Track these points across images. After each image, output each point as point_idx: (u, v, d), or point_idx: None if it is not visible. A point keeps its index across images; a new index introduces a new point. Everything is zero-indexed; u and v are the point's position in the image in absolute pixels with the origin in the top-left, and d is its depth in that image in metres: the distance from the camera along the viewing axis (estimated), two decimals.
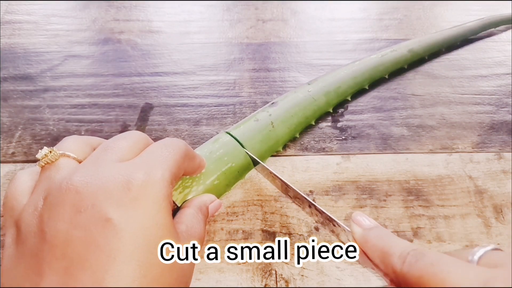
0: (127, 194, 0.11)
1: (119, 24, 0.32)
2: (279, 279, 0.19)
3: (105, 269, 0.10)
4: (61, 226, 0.11)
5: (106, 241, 0.11)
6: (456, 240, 0.20)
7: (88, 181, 0.11)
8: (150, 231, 0.11)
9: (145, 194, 0.12)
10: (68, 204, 0.11)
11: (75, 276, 0.10)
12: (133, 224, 0.11)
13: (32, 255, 0.11)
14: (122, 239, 0.11)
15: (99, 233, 0.11)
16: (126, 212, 0.11)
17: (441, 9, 0.35)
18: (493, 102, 0.27)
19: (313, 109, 0.24)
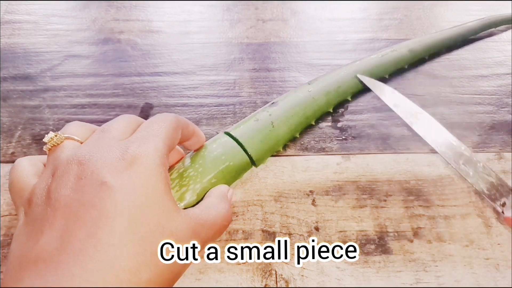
0: (122, 162, 0.13)
1: (119, 24, 0.32)
2: (279, 279, 0.19)
3: (98, 225, 0.11)
4: (64, 191, 0.12)
5: (101, 201, 0.12)
6: (457, 240, 0.20)
7: (90, 155, 0.13)
8: (142, 193, 0.12)
9: (139, 162, 0.13)
10: (72, 174, 0.12)
11: (71, 232, 0.11)
12: (127, 186, 0.12)
13: (37, 219, 0.12)
14: (115, 199, 0.12)
15: (95, 194, 0.12)
16: (120, 176, 0.12)
17: (441, 9, 0.35)
18: (493, 102, 0.27)
19: (313, 109, 0.24)
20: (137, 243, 0.12)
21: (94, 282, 0.11)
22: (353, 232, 0.20)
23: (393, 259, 0.19)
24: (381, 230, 0.20)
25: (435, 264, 0.19)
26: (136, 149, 0.13)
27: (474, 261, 0.19)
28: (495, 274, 0.19)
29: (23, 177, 0.14)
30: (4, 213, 0.21)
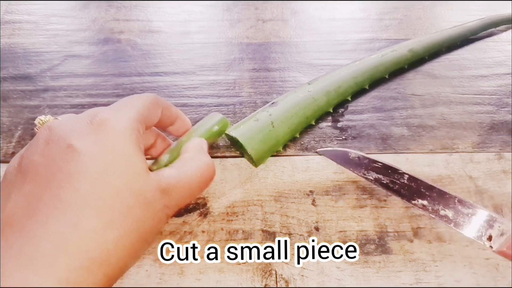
0: (90, 126, 0.13)
1: (119, 24, 0.32)
2: (279, 279, 0.19)
3: (62, 187, 0.11)
4: (33, 157, 0.12)
5: (66, 163, 0.12)
6: (457, 240, 0.20)
7: (60, 122, 0.13)
8: (108, 155, 0.12)
9: (106, 125, 0.13)
10: (42, 140, 0.13)
11: (37, 196, 0.11)
12: (92, 148, 0.12)
13: (7, 186, 0.12)
14: (79, 161, 0.12)
15: (61, 157, 0.12)
16: (87, 139, 0.12)
17: (441, 9, 0.35)
18: (493, 102, 0.27)
19: (313, 109, 0.24)
20: (102, 203, 0.12)
21: (57, 242, 0.11)
22: (353, 232, 0.20)
23: (393, 259, 0.19)
24: (381, 230, 0.20)
25: (435, 264, 0.19)
26: (105, 114, 0.13)
27: (474, 261, 0.19)
28: (495, 274, 0.19)
29: (10, 165, 0.14)
30: None
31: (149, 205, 0.13)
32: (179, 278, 0.18)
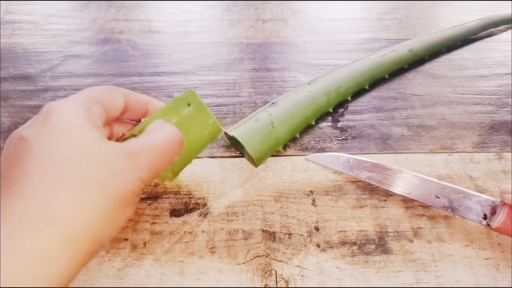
0: (39, 116, 0.13)
1: (119, 24, 0.32)
2: (279, 279, 0.19)
3: (16, 178, 0.12)
4: (1, 152, 0.13)
5: (19, 155, 0.12)
6: (457, 240, 0.20)
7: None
8: (56, 133, 0.13)
9: (53, 112, 0.13)
10: (8, 138, 0.14)
11: (2, 188, 0.12)
12: (39, 132, 0.13)
13: None
14: (31, 151, 0.12)
15: (16, 150, 0.13)
16: (38, 131, 0.13)
17: (441, 9, 0.34)
18: (493, 102, 0.27)
19: (313, 109, 0.24)
20: (57, 174, 0.12)
21: (27, 223, 0.11)
22: (353, 232, 0.20)
23: (393, 259, 0.19)
24: (381, 230, 0.20)
25: (435, 264, 0.19)
26: (52, 103, 0.14)
27: (474, 261, 0.19)
28: (495, 274, 0.19)
29: None
30: None
31: (109, 165, 0.13)
32: (179, 278, 0.18)
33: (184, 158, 0.19)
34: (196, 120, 0.18)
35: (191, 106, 0.18)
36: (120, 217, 0.13)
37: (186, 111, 0.18)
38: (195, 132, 0.18)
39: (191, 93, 0.18)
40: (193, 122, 0.18)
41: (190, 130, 0.18)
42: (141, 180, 0.14)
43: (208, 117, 0.19)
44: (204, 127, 0.19)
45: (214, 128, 0.19)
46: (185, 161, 0.19)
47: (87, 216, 0.12)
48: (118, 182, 0.13)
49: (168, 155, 0.15)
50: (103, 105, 0.15)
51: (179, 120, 0.17)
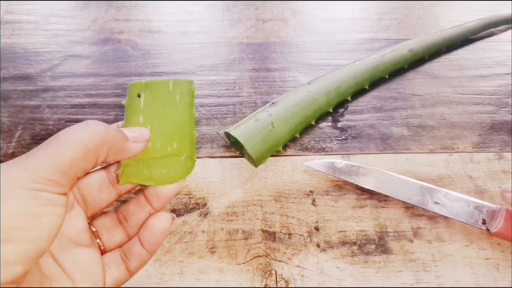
0: None
1: (119, 24, 0.32)
2: (279, 279, 0.19)
3: None
4: None
5: None
6: (456, 240, 0.20)
7: None
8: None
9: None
10: None
11: None
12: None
13: None
14: None
15: None
16: None
17: (441, 9, 0.34)
18: (493, 102, 0.27)
19: (313, 109, 0.24)
20: None
21: None
22: (353, 232, 0.20)
23: (393, 259, 0.19)
24: (381, 230, 0.20)
25: (435, 264, 0.19)
26: None
27: (474, 261, 0.19)
28: (495, 274, 0.19)
29: None
30: None
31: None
32: (179, 278, 0.18)
33: (182, 137, 0.15)
34: (158, 100, 0.16)
35: (143, 94, 0.15)
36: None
37: (142, 103, 0.15)
38: (166, 110, 0.15)
39: (133, 85, 0.16)
40: (156, 105, 0.15)
41: (161, 113, 0.15)
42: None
43: (166, 85, 0.16)
44: (171, 96, 0.16)
45: (181, 88, 0.16)
46: (187, 139, 0.15)
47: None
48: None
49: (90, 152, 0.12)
50: (71, 171, 0.12)
51: (144, 115, 0.15)
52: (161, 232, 0.14)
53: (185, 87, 0.16)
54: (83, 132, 0.12)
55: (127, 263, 0.14)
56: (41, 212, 0.11)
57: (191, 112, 0.16)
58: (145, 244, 0.14)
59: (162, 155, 0.15)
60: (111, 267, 0.14)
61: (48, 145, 0.11)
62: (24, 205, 0.10)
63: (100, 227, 0.15)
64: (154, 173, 0.14)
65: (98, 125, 0.12)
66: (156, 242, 0.14)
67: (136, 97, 0.15)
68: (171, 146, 0.15)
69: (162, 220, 0.14)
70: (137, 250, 0.14)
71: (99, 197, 0.15)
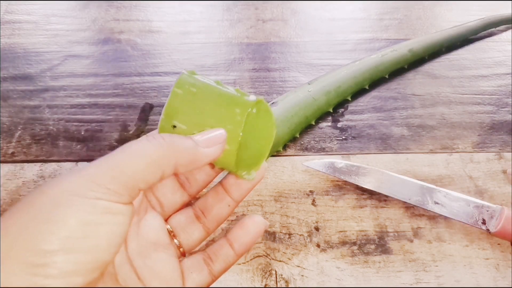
0: (36, 188, 0.12)
1: (119, 24, 0.32)
2: (279, 279, 0.19)
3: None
4: None
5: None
6: (456, 240, 0.20)
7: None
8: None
9: (44, 193, 0.11)
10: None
11: None
12: (11, 217, 0.11)
13: None
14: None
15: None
16: (16, 207, 0.11)
17: (441, 9, 0.34)
18: (493, 102, 0.27)
19: (313, 109, 0.24)
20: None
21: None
22: (353, 232, 0.20)
23: (393, 259, 0.19)
24: (381, 230, 0.20)
25: (435, 264, 0.19)
26: (57, 180, 0.11)
27: (474, 261, 0.19)
28: (495, 274, 0.19)
29: None
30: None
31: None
32: None
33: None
34: (193, 105, 0.13)
35: (175, 122, 0.13)
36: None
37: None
38: (204, 103, 0.13)
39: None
40: (195, 106, 0.13)
41: (204, 109, 0.13)
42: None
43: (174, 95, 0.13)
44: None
45: (187, 83, 0.13)
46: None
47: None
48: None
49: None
50: (134, 186, 0.11)
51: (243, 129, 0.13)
52: (256, 232, 0.14)
53: (186, 78, 0.14)
54: (147, 144, 0.11)
55: (210, 266, 0.14)
56: (98, 221, 0.10)
57: (210, 84, 0.13)
58: (235, 244, 0.14)
59: (242, 128, 0.12)
60: (193, 272, 0.13)
61: (112, 155, 0.11)
62: (80, 213, 0.10)
63: (176, 226, 0.14)
64: (258, 144, 0.13)
65: (164, 137, 0.12)
66: (248, 242, 0.14)
67: (174, 130, 0.13)
68: (237, 114, 0.13)
69: (258, 221, 0.14)
70: (225, 251, 0.14)
71: (173, 199, 0.14)
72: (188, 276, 0.13)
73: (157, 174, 0.11)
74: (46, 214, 0.10)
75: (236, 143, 0.12)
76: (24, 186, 0.22)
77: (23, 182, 0.22)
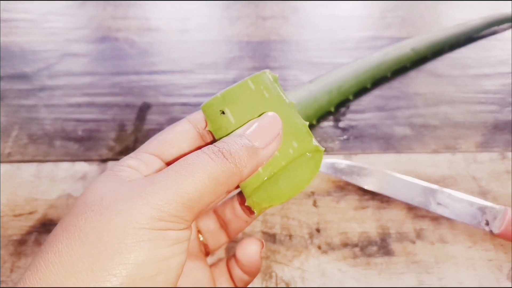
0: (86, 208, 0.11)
1: (117, 22, 0.32)
2: (280, 281, 0.18)
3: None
4: None
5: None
6: (459, 241, 0.20)
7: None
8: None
9: (102, 217, 0.10)
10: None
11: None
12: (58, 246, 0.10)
13: None
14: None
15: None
16: (62, 232, 0.10)
17: (444, 7, 0.34)
18: (496, 101, 0.27)
19: (314, 108, 0.23)
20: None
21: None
22: (354, 233, 0.20)
23: (395, 261, 0.19)
24: (383, 231, 0.20)
25: (438, 266, 0.19)
26: (111, 202, 0.10)
27: (477, 263, 0.19)
28: (498, 276, 0.19)
29: None
30: (4, 213, 0.20)
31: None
32: None
33: (295, 131, 0.12)
34: (247, 107, 0.12)
35: (227, 109, 0.12)
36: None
37: (231, 118, 0.12)
38: (262, 112, 0.12)
39: (207, 106, 0.12)
40: (247, 112, 0.12)
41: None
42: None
43: (246, 87, 0.13)
44: (258, 96, 0.13)
45: (263, 82, 0.13)
46: (302, 130, 0.13)
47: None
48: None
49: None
50: (195, 207, 0.10)
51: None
52: (254, 257, 0.13)
53: (266, 80, 0.13)
54: (212, 163, 0.10)
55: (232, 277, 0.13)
56: (169, 254, 0.09)
57: (286, 101, 0.13)
58: (240, 265, 0.13)
59: (286, 162, 0.12)
60: (218, 282, 0.13)
61: (173, 175, 0.10)
62: (151, 250, 0.09)
63: (205, 231, 0.14)
64: (285, 185, 0.12)
65: (225, 153, 0.10)
66: (251, 266, 0.13)
67: (220, 116, 0.12)
68: (291, 147, 0.12)
69: (254, 246, 0.13)
70: (237, 272, 0.13)
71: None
72: (217, 285, 0.13)
73: (223, 194, 0.11)
74: (112, 253, 0.09)
75: (271, 172, 0.12)
76: (20, 187, 0.21)
77: (20, 182, 0.22)
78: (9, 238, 0.19)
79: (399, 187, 0.20)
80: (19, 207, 0.21)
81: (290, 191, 0.12)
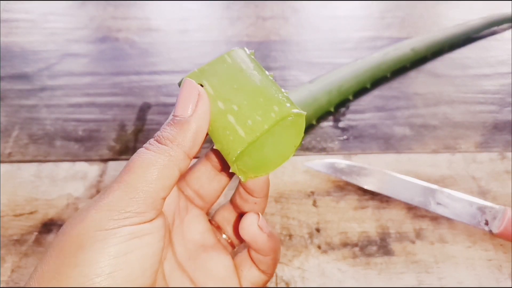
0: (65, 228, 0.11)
1: (117, 22, 0.32)
2: (280, 281, 0.18)
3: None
4: None
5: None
6: (459, 241, 0.20)
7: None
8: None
9: (68, 233, 0.11)
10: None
11: None
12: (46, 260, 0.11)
13: None
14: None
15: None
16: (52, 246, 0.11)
17: (443, 7, 0.34)
18: (496, 102, 0.27)
19: (314, 108, 0.23)
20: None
21: None
22: (354, 233, 0.20)
23: (395, 261, 0.19)
24: (383, 231, 0.20)
25: (438, 266, 0.19)
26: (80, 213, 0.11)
27: (476, 263, 0.19)
28: (498, 276, 0.19)
29: None
30: (4, 213, 0.20)
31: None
32: None
33: (276, 97, 0.12)
34: (225, 78, 0.13)
35: (205, 81, 0.12)
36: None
37: (210, 90, 0.12)
38: (241, 82, 0.12)
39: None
40: (227, 83, 0.12)
41: (237, 88, 0.12)
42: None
43: (223, 61, 0.13)
44: (236, 69, 0.13)
45: (239, 56, 0.13)
46: (283, 96, 0.12)
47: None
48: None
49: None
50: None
51: (220, 99, 0.12)
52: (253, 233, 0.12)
53: (243, 54, 0.13)
54: (149, 153, 0.11)
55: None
56: (126, 250, 0.10)
57: (264, 72, 0.13)
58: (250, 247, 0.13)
59: (269, 125, 0.12)
60: (243, 270, 0.13)
61: (120, 177, 0.10)
62: (106, 248, 0.10)
63: (222, 222, 0.14)
64: (271, 153, 0.12)
65: (159, 139, 0.11)
66: (253, 241, 0.13)
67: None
68: (273, 111, 0.12)
69: (248, 220, 0.12)
70: (254, 254, 0.13)
71: (212, 187, 0.14)
72: (241, 274, 0.13)
73: (174, 174, 0.11)
74: (73, 258, 0.09)
75: (254, 136, 0.11)
76: (21, 187, 0.21)
77: (20, 182, 0.22)
78: (10, 238, 0.19)
79: (399, 187, 0.20)
80: (19, 207, 0.21)
81: (276, 160, 0.12)
